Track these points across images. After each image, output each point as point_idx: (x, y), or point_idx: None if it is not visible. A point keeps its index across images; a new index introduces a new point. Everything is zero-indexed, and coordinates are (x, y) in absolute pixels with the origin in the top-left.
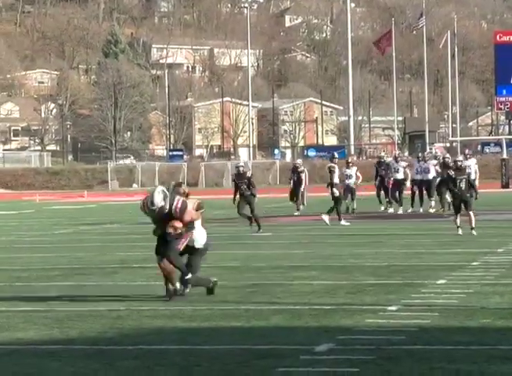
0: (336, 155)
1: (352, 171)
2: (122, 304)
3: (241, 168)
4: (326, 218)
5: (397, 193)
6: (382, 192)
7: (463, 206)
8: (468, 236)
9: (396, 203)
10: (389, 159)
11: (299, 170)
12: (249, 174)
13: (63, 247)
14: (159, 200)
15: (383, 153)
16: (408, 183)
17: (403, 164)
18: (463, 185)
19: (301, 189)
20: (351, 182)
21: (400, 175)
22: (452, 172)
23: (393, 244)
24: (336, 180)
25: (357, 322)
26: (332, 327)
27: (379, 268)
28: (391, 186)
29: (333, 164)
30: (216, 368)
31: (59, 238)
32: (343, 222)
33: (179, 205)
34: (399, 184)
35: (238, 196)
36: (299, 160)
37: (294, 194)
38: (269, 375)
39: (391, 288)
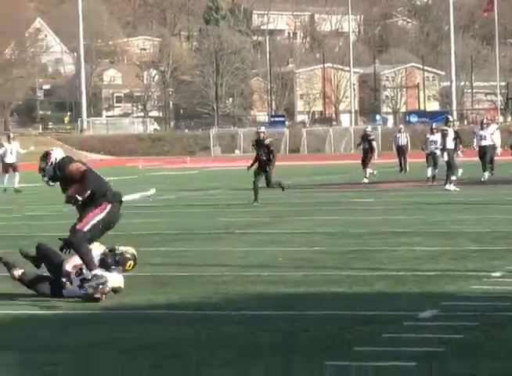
0: (450, 118)
1: (437, 137)
2: (226, 269)
3: (261, 134)
4: (450, 187)
5: (488, 159)
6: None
7: None
8: None
9: (484, 170)
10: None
11: (370, 137)
12: (267, 141)
13: (166, 212)
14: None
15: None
16: (498, 150)
17: (491, 130)
18: None
19: (373, 156)
20: (433, 148)
21: (487, 142)
22: None
23: (495, 210)
24: (449, 145)
25: (461, 288)
26: (436, 293)
27: (482, 234)
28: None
29: (446, 128)
30: (319, 334)
31: (162, 204)
32: (447, 187)
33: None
34: (486, 151)
35: (256, 164)
36: (369, 128)
37: (364, 161)
38: (373, 341)
39: (494, 254)
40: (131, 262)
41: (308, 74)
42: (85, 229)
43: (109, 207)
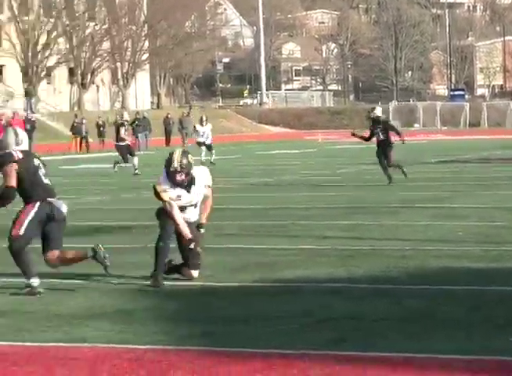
0: None
1: None
2: (406, 243)
3: (372, 114)
4: None
5: None
6: None
7: None
8: None
9: None
10: None
11: None
12: (384, 117)
13: (345, 185)
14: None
15: None
16: None
17: None
18: None
19: None
20: None
21: None
22: None
23: None
24: None
25: None
26: None
27: None
28: None
29: None
30: (502, 310)
31: (342, 177)
32: None
33: None
34: None
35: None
36: None
37: None
38: None
39: None
40: None
41: (488, 48)
42: (20, 232)
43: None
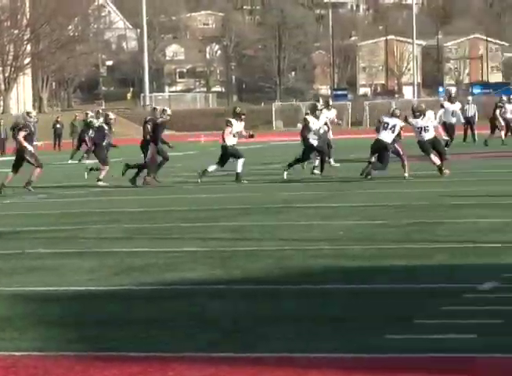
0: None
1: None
2: (286, 243)
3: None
4: None
5: None
6: None
7: None
8: None
9: None
10: None
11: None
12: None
13: (228, 187)
14: None
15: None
16: None
17: None
18: None
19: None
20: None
21: None
22: None
23: None
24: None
25: None
26: (496, 266)
27: None
28: None
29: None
30: (379, 307)
31: (226, 179)
32: None
33: None
34: None
35: None
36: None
37: None
38: (432, 313)
39: None
40: None
41: (371, 47)
42: None
43: None
